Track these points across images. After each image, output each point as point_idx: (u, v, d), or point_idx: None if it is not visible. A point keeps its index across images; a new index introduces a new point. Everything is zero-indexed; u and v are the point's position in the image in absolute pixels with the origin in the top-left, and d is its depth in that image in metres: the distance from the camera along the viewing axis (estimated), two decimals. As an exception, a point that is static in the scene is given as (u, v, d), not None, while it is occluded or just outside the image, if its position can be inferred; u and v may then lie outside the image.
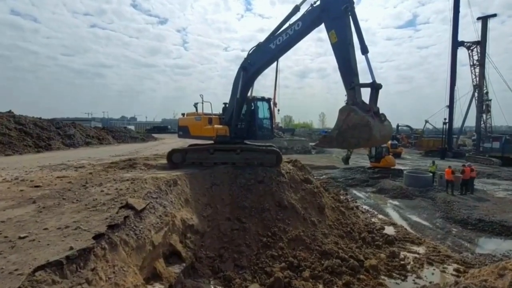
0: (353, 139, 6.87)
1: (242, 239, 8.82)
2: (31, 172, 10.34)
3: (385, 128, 7.31)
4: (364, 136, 6.69)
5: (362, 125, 6.65)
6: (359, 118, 6.73)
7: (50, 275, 3.44)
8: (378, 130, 6.82)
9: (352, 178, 22.67)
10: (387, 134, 7.61)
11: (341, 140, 7.11)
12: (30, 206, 6.00)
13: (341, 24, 7.48)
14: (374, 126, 6.68)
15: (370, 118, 6.75)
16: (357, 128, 6.72)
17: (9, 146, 16.99)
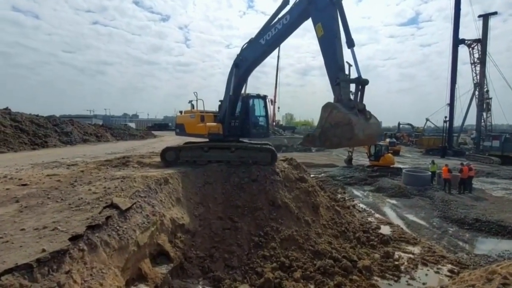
0: (335, 138, 6.53)
1: (233, 239, 8.69)
2: (22, 170, 10.21)
3: (370, 127, 6.89)
4: (346, 135, 6.32)
5: (344, 123, 6.31)
6: (341, 116, 6.39)
7: (18, 279, 3.31)
8: (361, 128, 6.45)
9: (350, 177, 22.49)
10: (372, 133, 7.15)
11: (323, 139, 6.77)
12: (12, 205, 5.87)
13: (328, 17, 7.20)
14: (357, 125, 6.32)
15: (353, 116, 6.40)
16: (339, 126, 6.38)
17: (3, 143, 16.89)
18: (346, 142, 6.65)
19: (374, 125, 7.12)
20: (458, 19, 35.82)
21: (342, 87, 6.89)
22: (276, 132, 42.69)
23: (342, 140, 6.50)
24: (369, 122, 6.83)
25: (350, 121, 6.24)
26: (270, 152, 11.07)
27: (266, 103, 11.62)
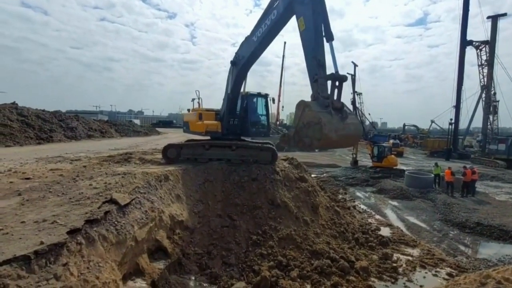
0: (307, 138, 6.14)
1: (232, 237, 8.75)
2: (26, 164, 10.41)
3: (345, 127, 6.26)
4: (316, 136, 5.91)
5: (315, 122, 5.90)
6: (312, 114, 5.98)
7: (16, 269, 3.40)
8: (333, 129, 5.94)
9: (352, 177, 22.42)
10: (349, 134, 6.47)
11: (297, 139, 6.39)
12: (14, 198, 6.01)
13: (310, 11, 6.95)
14: (327, 124, 5.83)
15: (324, 115, 5.91)
16: (310, 126, 6.00)
17: (10, 137, 17.18)
18: (316, 142, 6.14)
19: (352, 126, 6.51)
20: (466, 20, 35.34)
21: (319, 84, 6.52)
22: (280, 131, 42.61)
23: (313, 141, 6.08)
24: (345, 122, 6.27)
25: (320, 120, 5.83)
26: (271, 151, 11.09)
27: (268, 102, 11.61)
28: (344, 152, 40.47)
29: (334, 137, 6.04)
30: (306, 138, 6.18)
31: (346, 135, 6.39)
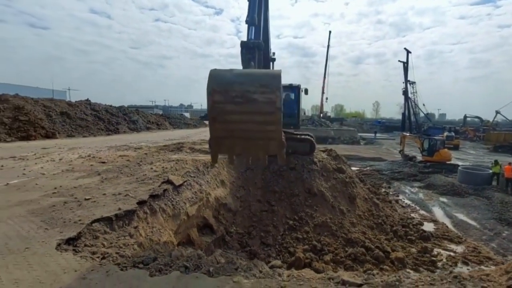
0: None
1: (270, 220, 9.52)
2: (101, 151, 12.48)
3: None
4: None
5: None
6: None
7: (103, 226, 4.59)
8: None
9: (399, 172, 21.48)
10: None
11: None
12: (96, 177, 7.55)
13: None
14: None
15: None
16: None
17: (86, 129, 20.27)
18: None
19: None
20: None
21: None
22: (323, 123, 41.92)
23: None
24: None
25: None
26: (309, 143, 11.49)
27: (299, 93, 11.86)
28: (392, 145, 38.34)
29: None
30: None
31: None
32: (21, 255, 3.41)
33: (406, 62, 57.30)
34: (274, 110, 4.01)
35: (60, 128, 19.11)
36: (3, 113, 17.28)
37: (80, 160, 9.97)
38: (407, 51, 55.84)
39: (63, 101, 24.13)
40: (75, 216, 4.68)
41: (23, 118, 17.61)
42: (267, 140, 4.32)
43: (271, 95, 3.99)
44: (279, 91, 3.94)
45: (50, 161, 9.60)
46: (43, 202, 5.34)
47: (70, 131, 19.62)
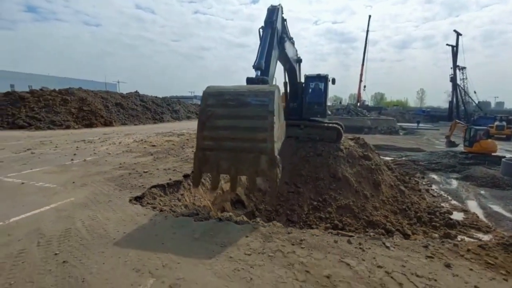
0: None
1: (295, 201, 10.48)
2: (150, 136, 14.38)
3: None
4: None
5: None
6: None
7: (159, 190, 5.97)
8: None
9: (436, 163, 20.76)
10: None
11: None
12: (149, 156, 9.15)
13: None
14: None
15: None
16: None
17: (136, 118, 22.81)
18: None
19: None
20: None
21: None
22: (359, 113, 40.88)
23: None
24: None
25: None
26: (336, 131, 12.09)
27: (327, 83, 12.35)
28: (435, 136, 36.30)
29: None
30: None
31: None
32: (107, 205, 4.86)
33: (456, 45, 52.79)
34: (266, 114, 3.89)
35: (116, 117, 21.82)
36: (71, 104, 20.28)
37: (135, 143, 11.81)
38: (457, 33, 51.30)
39: (116, 93, 27.16)
40: (138, 183, 6.13)
41: (86, 108, 20.49)
42: (257, 153, 3.96)
43: (264, 98, 3.96)
44: (273, 96, 3.94)
45: (112, 144, 11.57)
46: (114, 173, 6.93)
47: (123, 120, 22.29)
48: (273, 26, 7.21)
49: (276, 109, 4.20)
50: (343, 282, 2.79)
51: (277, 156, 3.95)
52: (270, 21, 7.28)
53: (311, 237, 3.81)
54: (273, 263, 3.10)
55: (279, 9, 7.69)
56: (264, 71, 6.31)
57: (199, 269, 2.99)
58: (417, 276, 2.91)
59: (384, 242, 3.68)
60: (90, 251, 3.30)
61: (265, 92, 3.94)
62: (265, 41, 6.91)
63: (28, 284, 2.72)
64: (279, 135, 4.71)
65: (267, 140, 3.81)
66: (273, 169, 3.88)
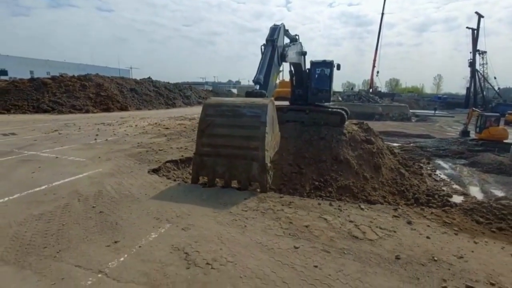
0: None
1: (298, 181, 11.17)
2: (163, 120, 15.27)
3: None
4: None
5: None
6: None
7: (172, 165, 6.80)
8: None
9: (444, 149, 20.87)
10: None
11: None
12: (163, 138, 10.00)
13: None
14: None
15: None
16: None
17: (149, 103, 23.79)
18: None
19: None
20: None
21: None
22: (371, 99, 40.49)
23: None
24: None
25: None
26: (340, 115, 12.55)
27: (332, 69, 12.71)
28: (448, 123, 35.77)
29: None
30: None
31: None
32: (130, 174, 5.71)
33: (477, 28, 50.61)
34: (259, 125, 4.44)
35: (131, 102, 22.87)
36: (89, 90, 21.40)
37: (150, 126, 12.71)
38: (478, 15, 49.14)
39: (131, 79, 28.16)
40: (155, 158, 6.98)
41: (103, 93, 21.58)
42: (250, 160, 4.45)
43: (257, 110, 4.49)
44: (266, 109, 4.46)
45: (129, 127, 12.51)
46: (133, 150, 7.81)
47: (138, 105, 23.32)
48: (274, 44, 7.74)
49: (270, 121, 4.77)
50: (318, 230, 3.51)
51: (267, 163, 4.48)
52: (271, 40, 7.82)
53: (299, 200, 4.52)
54: (264, 217, 3.85)
55: (281, 28, 8.16)
56: (263, 85, 6.90)
57: (205, 219, 3.77)
58: (380, 228, 3.59)
59: (360, 205, 4.35)
60: (120, 206, 4.14)
61: (258, 105, 4.52)
62: (265, 58, 7.48)
63: (75, 225, 3.58)
64: (272, 145, 5.35)
65: (259, 148, 4.37)
66: (263, 175, 4.44)
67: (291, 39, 11.28)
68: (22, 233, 3.36)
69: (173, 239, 3.26)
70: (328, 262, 2.88)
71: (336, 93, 50.17)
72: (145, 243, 3.19)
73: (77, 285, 2.50)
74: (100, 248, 3.09)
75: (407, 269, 2.80)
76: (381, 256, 3.01)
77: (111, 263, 2.81)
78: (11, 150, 7.61)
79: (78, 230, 3.46)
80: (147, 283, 2.54)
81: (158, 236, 3.34)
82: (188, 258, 2.90)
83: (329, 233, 3.44)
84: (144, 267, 2.75)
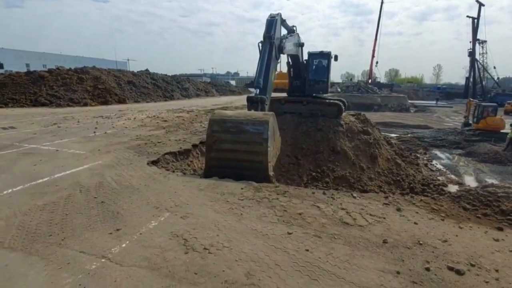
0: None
1: (296, 171, 11.35)
2: (162, 113, 15.32)
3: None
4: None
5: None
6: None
7: (171, 157, 6.93)
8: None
9: (441, 139, 21.03)
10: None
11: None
12: (161, 130, 10.10)
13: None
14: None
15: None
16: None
17: (147, 96, 23.75)
18: None
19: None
20: None
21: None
22: (370, 90, 40.38)
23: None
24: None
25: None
26: (337, 107, 12.64)
27: (329, 60, 12.72)
28: (447, 114, 35.88)
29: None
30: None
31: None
32: (129, 166, 5.84)
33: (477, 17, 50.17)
34: (261, 141, 4.88)
35: (129, 95, 22.83)
36: (87, 83, 21.32)
37: (148, 119, 12.79)
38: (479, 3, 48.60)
39: (128, 71, 27.99)
40: (153, 151, 7.10)
41: (101, 86, 21.51)
42: (255, 171, 4.83)
43: (260, 127, 4.89)
44: (267, 125, 4.84)
45: (127, 119, 12.58)
46: (132, 143, 7.93)
47: (136, 98, 23.29)
48: (272, 41, 7.78)
49: (271, 134, 5.23)
50: (311, 217, 3.67)
51: (270, 174, 4.92)
52: (268, 36, 7.84)
53: (294, 190, 4.67)
54: (259, 205, 4.00)
55: (277, 20, 8.13)
56: (262, 89, 7.18)
57: (203, 208, 3.92)
58: (370, 215, 3.75)
59: (352, 193, 4.50)
60: (120, 196, 4.29)
61: (260, 122, 4.89)
62: (264, 57, 7.58)
63: (78, 215, 3.73)
64: (274, 153, 5.86)
65: (263, 162, 4.82)
66: (269, 179, 4.94)
67: (289, 30, 11.25)
68: (27, 222, 3.51)
69: (172, 226, 3.42)
70: (319, 246, 3.05)
71: (335, 84, 49.97)
72: (145, 230, 3.34)
73: (82, 269, 2.66)
74: (103, 235, 3.24)
75: (393, 252, 2.97)
76: (369, 240, 3.17)
77: (113, 249, 2.97)
78: (11, 143, 7.71)
79: (81, 219, 3.61)
80: (148, 266, 2.70)
81: (158, 224, 3.49)
82: (186, 244, 3.06)
83: (321, 220, 3.60)
84: (145, 252, 2.91)
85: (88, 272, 2.62)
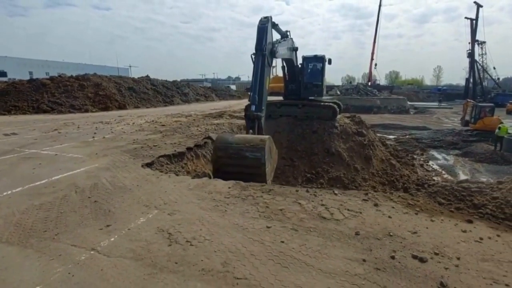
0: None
1: (291, 173, 11.55)
2: (160, 118, 15.62)
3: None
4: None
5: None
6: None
7: (166, 159, 7.17)
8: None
9: (439, 140, 21.15)
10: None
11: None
12: (158, 134, 10.36)
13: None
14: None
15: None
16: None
17: (147, 101, 24.14)
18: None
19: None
20: None
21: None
22: (369, 92, 40.56)
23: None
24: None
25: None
26: (332, 109, 12.86)
27: (324, 64, 12.97)
28: (446, 115, 35.94)
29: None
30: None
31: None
32: (124, 168, 6.08)
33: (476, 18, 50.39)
34: (260, 165, 5.59)
35: (129, 101, 23.23)
36: (88, 89, 21.75)
37: (147, 124, 13.08)
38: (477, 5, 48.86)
39: (128, 78, 28.46)
40: (149, 154, 7.35)
41: (102, 92, 21.93)
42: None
43: (257, 154, 5.56)
44: (264, 151, 5.49)
45: (126, 125, 12.88)
46: (129, 147, 8.19)
47: (136, 103, 23.67)
48: (264, 53, 8.26)
49: (268, 156, 6.05)
50: (291, 213, 3.88)
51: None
52: (260, 48, 8.29)
53: (279, 188, 4.88)
54: (244, 203, 4.22)
55: (267, 27, 8.48)
56: (258, 105, 7.80)
57: (190, 205, 4.15)
58: (348, 210, 3.95)
59: (334, 190, 4.71)
60: (113, 196, 4.53)
61: (258, 148, 5.61)
62: (257, 71, 8.08)
63: (72, 213, 3.96)
64: (271, 168, 6.77)
65: (262, 181, 5.50)
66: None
67: (282, 35, 11.52)
68: (24, 220, 3.75)
69: (159, 222, 3.64)
70: (295, 238, 3.25)
71: (335, 87, 50.21)
72: (133, 226, 3.57)
73: (72, 260, 2.88)
74: (94, 231, 3.47)
75: (363, 242, 3.17)
76: (342, 232, 3.37)
77: (102, 243, 3.19)
78: (12, 148, 8.00)
79: (75, 216, 3.85)
80: (133, 257, 2.92)
81: (146, 220, 3.72)
82: (170, 237, 3.28)
83: (300, 215, 3.81)
84: (131, 245, 3.13)
85: (78, 262, 2.85)
